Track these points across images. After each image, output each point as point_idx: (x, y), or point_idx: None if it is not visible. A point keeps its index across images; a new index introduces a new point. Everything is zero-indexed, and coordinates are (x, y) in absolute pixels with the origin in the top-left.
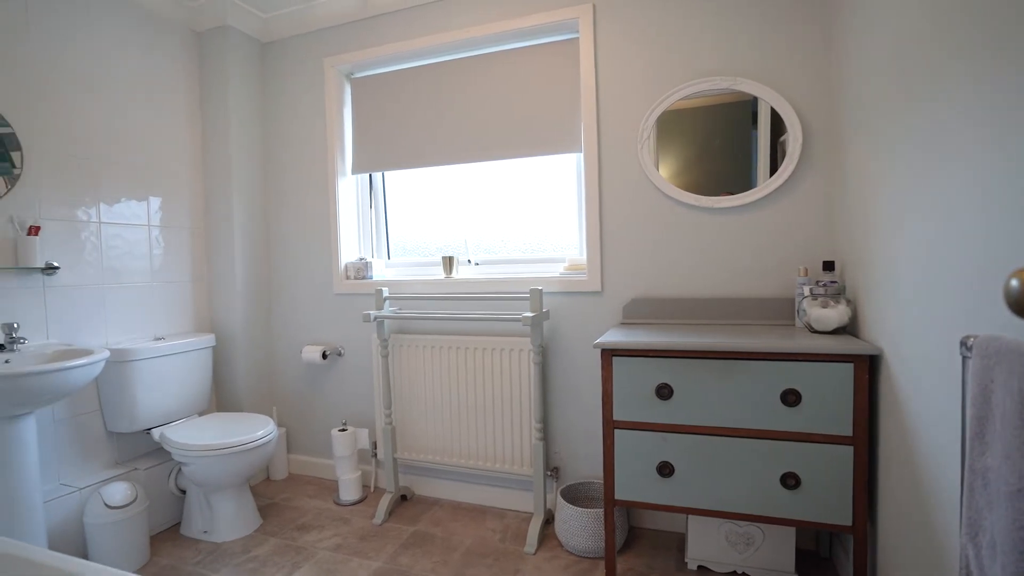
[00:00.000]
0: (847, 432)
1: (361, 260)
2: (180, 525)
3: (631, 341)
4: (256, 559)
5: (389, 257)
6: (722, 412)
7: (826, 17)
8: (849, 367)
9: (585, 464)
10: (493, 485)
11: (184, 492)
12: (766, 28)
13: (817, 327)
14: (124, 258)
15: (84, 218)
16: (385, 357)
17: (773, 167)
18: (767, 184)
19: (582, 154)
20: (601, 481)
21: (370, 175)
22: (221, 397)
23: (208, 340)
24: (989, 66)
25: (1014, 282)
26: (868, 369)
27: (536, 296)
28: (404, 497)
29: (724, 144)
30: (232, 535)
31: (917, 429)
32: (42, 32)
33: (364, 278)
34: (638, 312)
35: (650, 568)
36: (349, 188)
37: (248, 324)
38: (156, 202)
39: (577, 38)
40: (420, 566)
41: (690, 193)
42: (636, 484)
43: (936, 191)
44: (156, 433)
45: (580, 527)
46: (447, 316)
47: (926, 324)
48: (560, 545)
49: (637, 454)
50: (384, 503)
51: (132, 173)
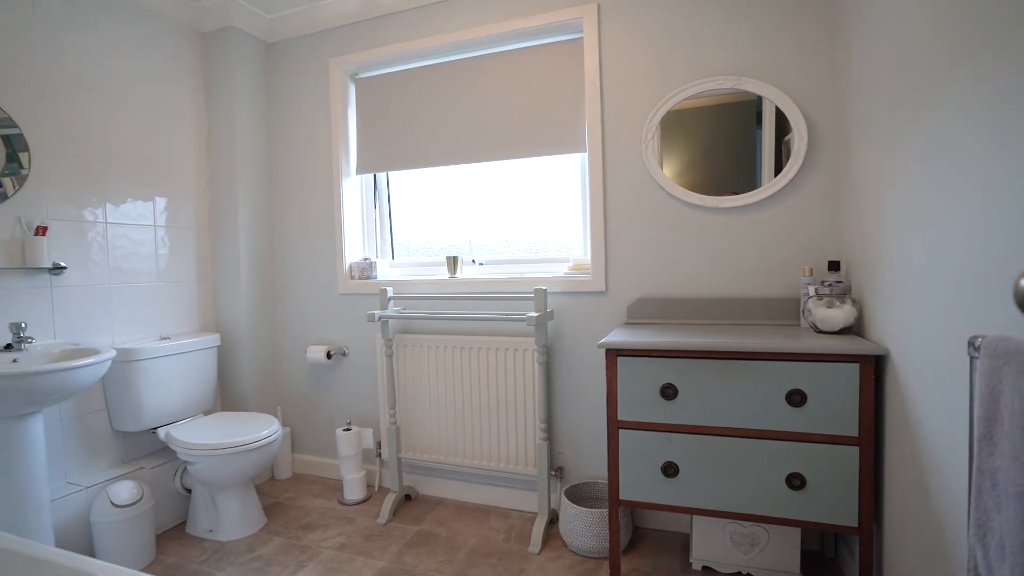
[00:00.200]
0: (853, 432)
1: (365, 260)
2: (185, 524)
3: (636, 341)
4: (261, 558)
5: (393, 257)
6: (727, 412)
7: (831, 16)
8: (855, 367)
9: (589, 464)
10: (497, 485)
11: (189, 491)
12: (770, 27)
13: (822, 327)
14: (130, 258)
15: (91, 218)
16: (389, 357)
17: (778, 167)
18: (772, 184)
19: (586, 154)
20: (605, 481)
21: (374, 175)
22: (226, 396)
23: (213, 340)
24: (992, 67)
25: (1023, 282)
26: (874, 369)
27: (540, 296)
28: (408, 497)
29: (728, 144)
30: (237, 534)
31: (924, 429)
32: (50, 35)
33: (368, 278)
34: (642, 312)
35: (654, 568)
36: (353, 188)
37: (253, 324)
38: (162, 202)
39: (581, 38)
40: (424, 565)
41: (694, 193)
42: (640, 484)
43: (943, 191)
44: (162, 432)
45: (584, 527)
46: (451, 316)
47: (933, 324)
48: (564, 545)
49: (641, 454)
50: (388, 503)
51: (138, 173)
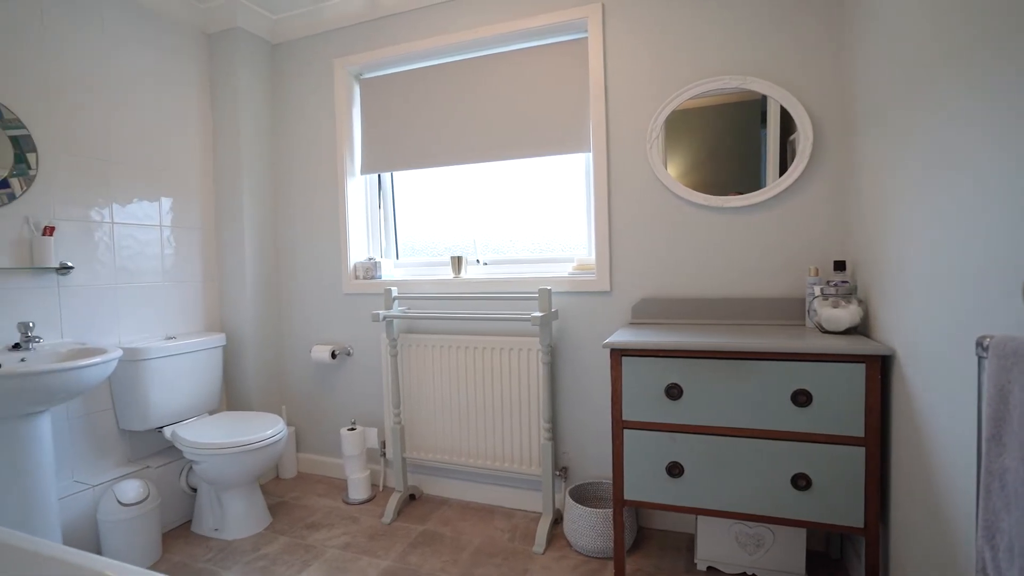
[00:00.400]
0: (859, 433)
1: (370, 260)
2: (191, 523)
3: (640, 341)
4: (266, 557)
5: (398, 257)
6: (732, 412)
7: (836, 15)
8: (861, 367)
9: (594, 464)
10: (502, 485)
11: (195, 490)
12: (775, 27)
13: (828, 327)
14: (136, 258)
15: (97, 218)
16: (394, 356)
17: (782, 166)
18: (777, 183)
19: (591, 154)
20: (610, 481)
21: (379, 175)
22: (231, 396)
23: (218, 339)
24: (998, 64)
25: None
26: (880, 369)
27: (545, 296)
28: (413, 496)
29: (733, 143)
30: (242, 533)
31: (931, 430)
32: (57, 37)
33: (373, 278)
34: (647, 312)
35: (659, 569)
36: (358, 188)
37: (258, 323)
38: (167, 202)
39: (585, 38)
40: (429, 565)
41: (699, 192)
42: (645, 484)
43: (950, 190)
44: (168, 431)
45: (589, 527)
46: (456, 316)
47: (940, 324)
48: (569, 545)
49: (646, 454)
50: (393, 502)
51: (144, 174)
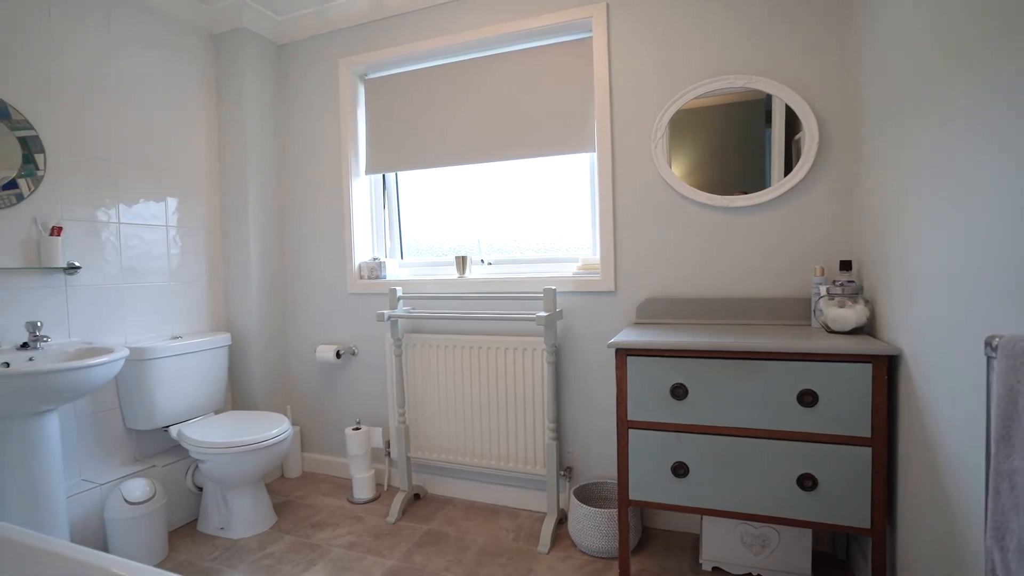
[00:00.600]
0: (865, 433)
1: (374, 260)
2: (197, 521)
3: (646, 341)
4: (272, 556)
5: (402, 257)
6: (738, 412)
7: (842, 14)
8: (867, 367)
9: (598, 464)
10: (506, 484)
11: (201, 489)
12: (781, 26)
13: (834, 327)
14: (142, 258)
15: (104, 219)
16: (399, 356)
17: (788, 166)
18: (783, 183)
19: (595, 153)
20: (614, 481)
21: (383, 175)
22: (236, 395)
23: (224, 339)
24: (1007, 62)
25: None
26: (887, 369)
27: (550, 296)
28: (417, 496)
29: (738, 143)
30: (248, 532)
31: (938, 430)
32: (64, 38)
33: (377, 278)
34: (652, 312)
35: (664, 569)
36: (363, 188)
37: (263, 323)
38: (173, 203)
39: (590, 37)
40: (434, 565)
41: (704, 192)
42: (650, 484)
43: (957, 189)
44: (174, 431)
45: (593, 527)
46: (460, 316)
47: (948, 324)
48: (573, 545)
49: (651, 454)
50: (398, 502)
51: (150, 174)
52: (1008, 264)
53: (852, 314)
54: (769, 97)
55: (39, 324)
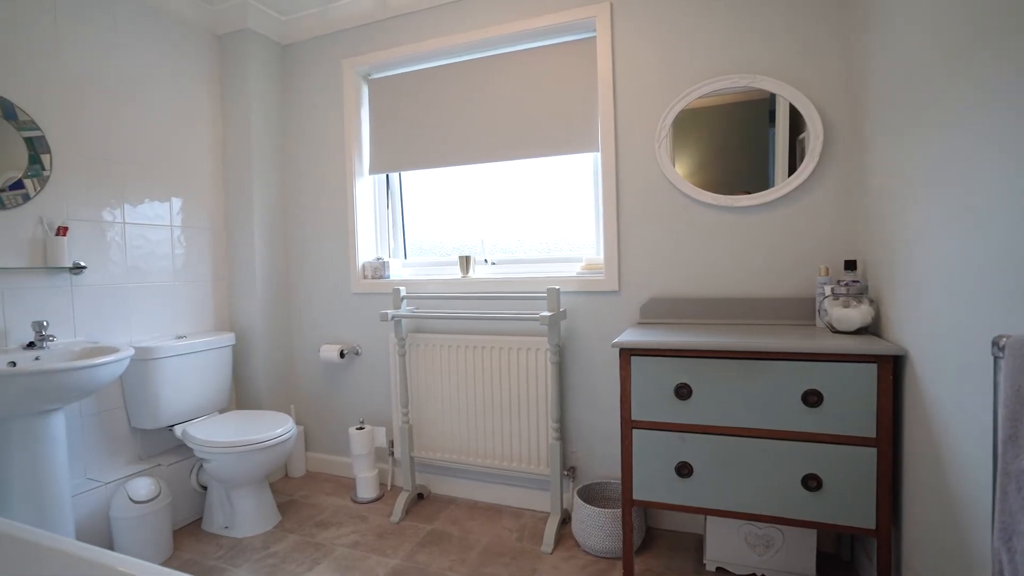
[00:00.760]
0: (870, 433)
1: (378, 260)
2: (201, 520)
3: (650, 341)
4: (276, 555)
5: (406, 257)
6: (742, 412)
7: (846, 13)
8: (872, 367)
9: (602, 464)
10: (510, 484)
11: (205, 488)
12: (785, 25)
13: (839, 327)
14: (147, 258)
15: (109, 219)
16: (402, 356)
17: (792, 166)
18: (787, 182)
19: (599, 153)
20: (618, 481)
21: (387, 175)
22: (241, 395)
23: (228, 339)
24: (1015, 59)
25: None
26: (892, 370)
27: (553, 295)
28: (421, 495)
29: (741, 143)
30: (252, 531)
31: (944, 431)
32: (70, 39)
33: (381, 278)
34: (656, 312)
35: (668, 569)
36: (366, 188)
37: (267, 323)
38: (178, 203)
39: (593, 37)
40: (437, 564)
41: (708, 192)
42: (654, 484)
43: (963, 188)
44: (178, 430)
45: (597, 527)
46: (464, 315)
47: (954, 324)
48: (577, 545)
49: (655, 454)
50: (401, 501)
51: (155, 174)
52: (1015, 264)
53: (857, 314)
54: (773, 96)
55: (45, 323)
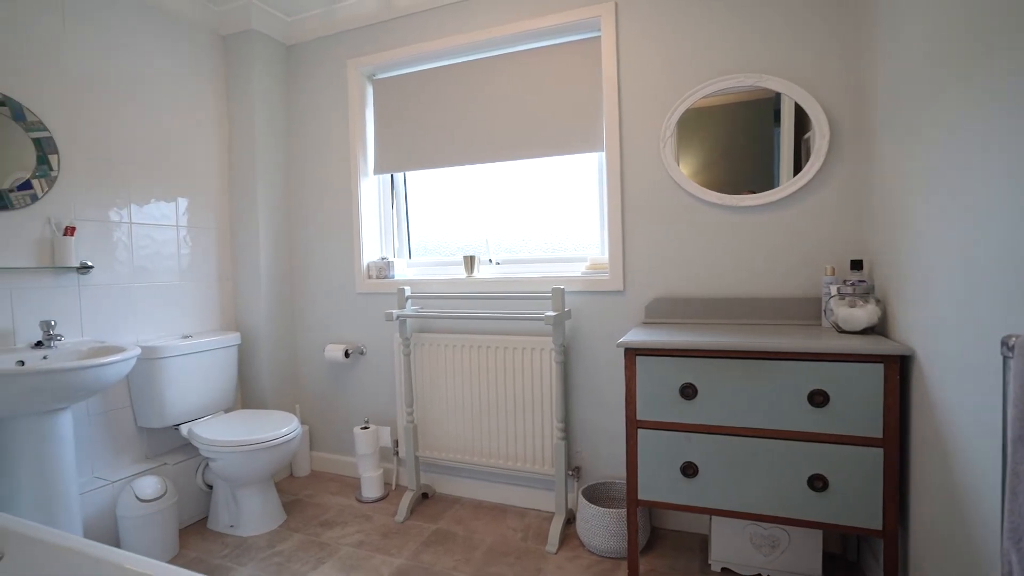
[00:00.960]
0: (877, 434)
1: (383, 260)
2: (207, 519)
3: (655, 340)
4: (281, 554)
5: (410, 257)
6: (747, 412)
7: (853, 12)
8: (879, 367)
9: (607, 464)
10: (514, 484)
11: (211, 487)
12: (791, 24)
13: (845, 327)
14: (154, 258)
15: (116, 219)
16: (407, 356)
17: (797, 165)
18: (793, 182)
19: (603, 153)
20: (623, 481)
21: (391, 175)
22: (246, 394)
23: (233, 338)
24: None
25: None
26: (899, 370)
27: (558, 295)
28: (425, 495)
29: (746, 142)
30: (257, 530)
31: (952, 431)
32: (77, 39)
33: (386, 277)
34: (661, 311)
35: (673, 569)
36: (371, 188)
37: (272, 323)
38: (184, 203)
39: (598, 37)
40: (442, 563)
41: (713, 192)
42: (659, 484)
43: (971, 187)
44: (184, 429)
45: (602, 527)
46: (469, 315)
47: (962, 324)
48: (582, 545)
49: (660, 454)
50: (406, 501)
51: (161, 174)
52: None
53: (863, 314)
54: (778, 96)
55: (53, 323)
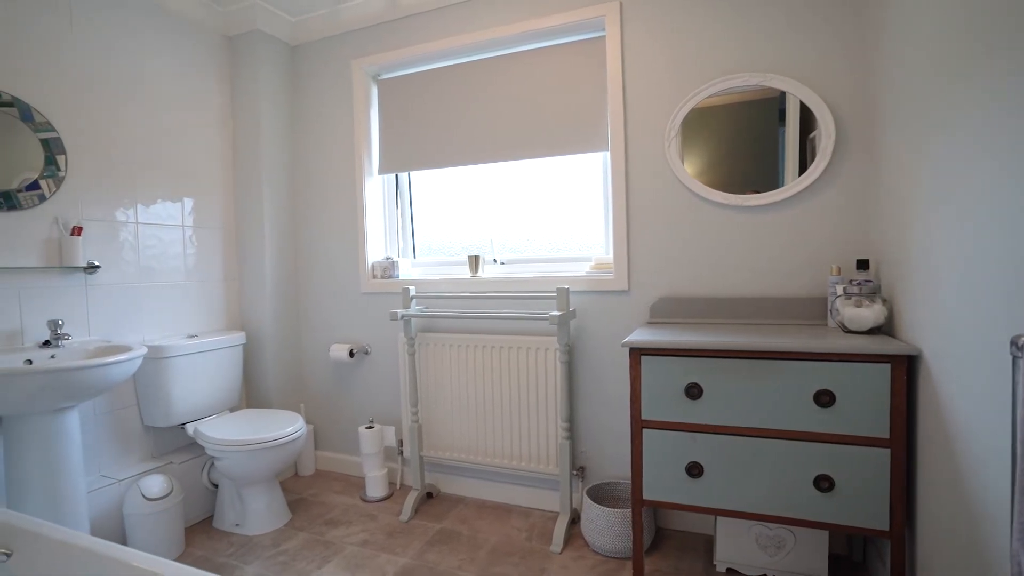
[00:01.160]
0: (884, 434)
1: (387, 259)
2: (212, 518)
3: (660, 340)
4: (286, 552)
5: (415, 256)
6: (753, 412)
7: (859, 10)
8: (886, 368)
9: (612, 464)
10: (519, 484)
11: (216, 486)
12: (796, 23)
13: (851, 327)
14: (160, 258)
15: (123, 219)
16: (412, 355)
17: (802, 165)
18: (799, 181)
19: (608, 153)
20: (627, 481)
21: (396, 175)
22: (251, 394)
23: (239, 338)
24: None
25: None
26: (906, 370)
27: (563, 295)
28: (430, 495)
29: (751, 142)
30: (263, 529)
31: (960, 432)
32: (85, 41)
33: (390, 277)
34: (665, 311)
35: (678, 570)
36: (375, 188)
37: (277, 322)
38: (190, 203)
39: (602, 36)
40: (447, 563)
41: (718, 191)
42: (664, 484)
43: (979, 185)
44: (190, 428)
45: (607, 527)
46: (473, 315)
47: (970, 323)
48: (586, 545)
49: (665, 454)
50: (410, 500)
51: (167, 175)
52: None
53: (870, 313)
54: (782, 95)
55: (60, 322)
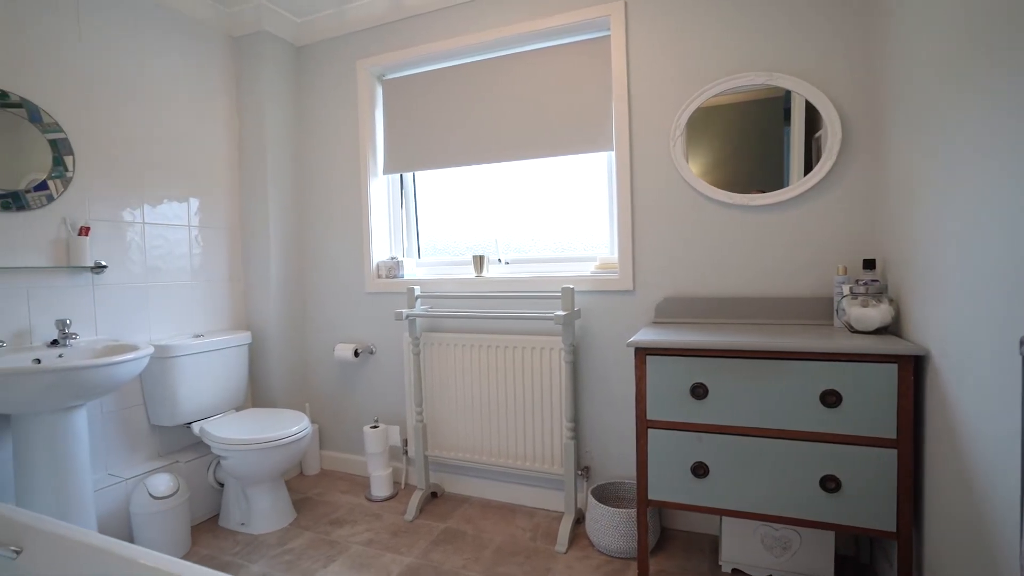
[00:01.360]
0: (891, 434)
1: (392, 259)
2: (218, 517)
3: (665, 340)
4: (291, 551)
5: (420, 256)
6: (759, 412)
7: (865, 9)
8: (893, 368)
9: (616, 464)
10: (523, 484)
11: (222, 485)
12: (802, 21)
13: (858, 327)
14: (166, 258)
15: (129, 219)
16: (416, 355)
17: (807, 164)
18: (803, 181)
19: (613, 152)
20: (632, 481)
21: (401, 175)
22: (257, 393)
23: (244, 337)
24: None
25: None
26: (913, 370)
27: (568, 295)
28: (434, 494)
29: (756, 141)
30: (268, 528)
31: (968, 432)
32: (92, 42)
33: (395, 277)
34: (671, 311)
35: (683, 570)
36: (380, 188)
37: (282, 322)
38: (195, 203)
39: (607, 36)
40: (451, 562)
41: (723, 191)
42: (669, 484)
43: (986, 186)
44: (196, 427)
45: (612, 527)
46: (478, 315)
47: (977, 323)
48: (591, 545)
49: (671, 454)
50: (415, 500)
51: (174, 175)
52: None
53: (876, 313)
54: (788, 94)
55: (68, 322)
